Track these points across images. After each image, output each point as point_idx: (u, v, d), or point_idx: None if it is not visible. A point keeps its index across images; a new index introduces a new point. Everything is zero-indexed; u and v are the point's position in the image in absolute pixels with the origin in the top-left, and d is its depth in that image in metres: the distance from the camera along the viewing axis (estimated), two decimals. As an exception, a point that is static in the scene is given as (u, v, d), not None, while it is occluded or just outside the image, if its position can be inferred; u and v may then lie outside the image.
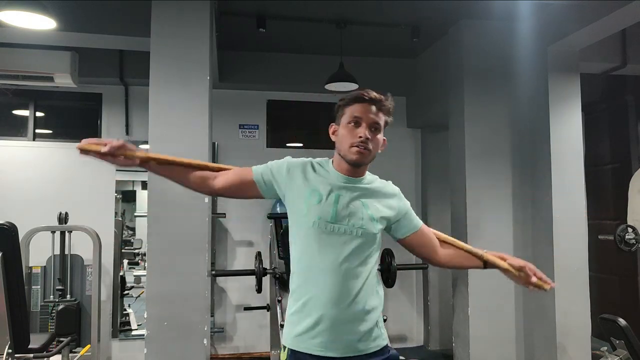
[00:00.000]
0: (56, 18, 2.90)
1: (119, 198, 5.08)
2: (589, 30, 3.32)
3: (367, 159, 1.54)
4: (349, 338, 1.49)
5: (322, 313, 1.48)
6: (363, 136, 1.50)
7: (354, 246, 1.50)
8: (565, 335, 3.53)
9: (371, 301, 1.53)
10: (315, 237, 1.51)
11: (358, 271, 1.51)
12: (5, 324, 2.57)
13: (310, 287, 1.52)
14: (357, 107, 1.53)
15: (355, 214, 1.52)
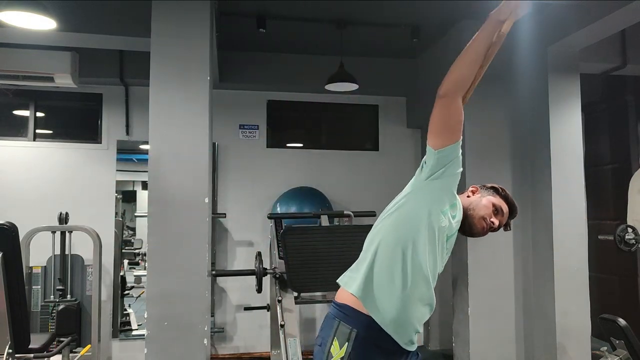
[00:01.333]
0: (56, 18, 2.90)
1: (119, 198, 5.07)
2: (589, 30, 3.32)
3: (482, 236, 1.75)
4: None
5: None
6: (495, 227, 1.71)
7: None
8: (565, 335, 3.53)
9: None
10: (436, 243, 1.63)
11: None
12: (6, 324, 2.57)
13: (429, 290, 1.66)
14: (504, 207, 1.73)
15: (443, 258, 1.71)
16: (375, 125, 5.23)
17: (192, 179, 2.85)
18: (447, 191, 1.59)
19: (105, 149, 4.68)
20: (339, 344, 1.54)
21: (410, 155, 5.24)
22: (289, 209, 4.64)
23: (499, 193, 1.76)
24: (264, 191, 4.87)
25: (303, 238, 3.32)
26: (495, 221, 1.70)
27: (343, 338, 1.54)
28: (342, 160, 5.00)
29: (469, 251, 3.80)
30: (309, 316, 4.96)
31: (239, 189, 4.91)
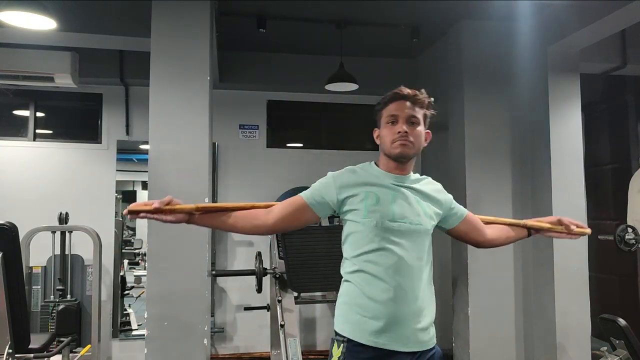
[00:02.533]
0: (56, 18, 2.90)
1: (119, 198, 5.07)
2: (589, 30, 3.32)
3: (411, 151, 1.60)
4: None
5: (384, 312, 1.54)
6: (401, 131, 1.58)
7: (413, 243, 1.57)
8: (565, 335, 3.53)
9: (428, 299, 1.62)
10: (377, 238, 1.55)
11: (418, 267, 1.58)
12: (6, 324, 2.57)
13: (371, 286, 1.55)
14: (392, 106, 1.63)
15: (411, 211, 1.58)
16: (375, 126, 5.22)
17: (192, 179, 2.85)
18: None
19: (105, 149, 4.68)
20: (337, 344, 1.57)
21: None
22: (289, 209, 4.63)
23: (383, 105, 1.66)
24: (264, 191, 4.87)
25: (303, 238, 3.32)
26: (398, 127, 1.59)
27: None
28: (342, 160, 4.95)
29: (469, 251, 3.80)
30: (309, 316, 4.96)
31: (239, 189, 4.90)
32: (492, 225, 1.82)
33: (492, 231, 1.80)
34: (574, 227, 1.81)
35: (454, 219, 1.73)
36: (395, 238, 1.54)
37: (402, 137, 1.57)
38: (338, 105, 5.07)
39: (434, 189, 1.71)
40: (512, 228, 1.84)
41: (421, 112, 1.62)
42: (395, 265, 1.53)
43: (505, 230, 1.83)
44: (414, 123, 1.60)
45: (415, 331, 1.55)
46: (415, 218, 1.57)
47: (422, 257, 1.59)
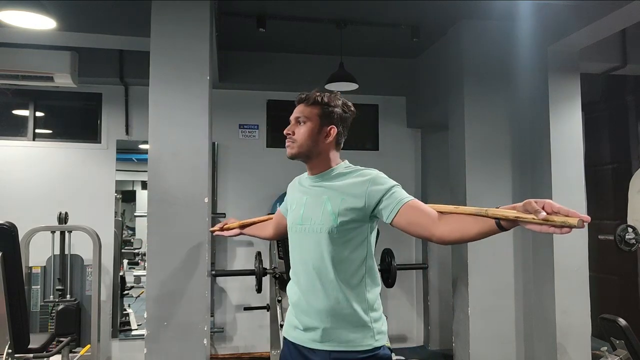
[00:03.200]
0: (56, 18, 2.90)
1: (119, 198, 5.07)
2: (589, 30, 3.32)
3: (294, 150, 1.67)
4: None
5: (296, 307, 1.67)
6: (285, 132, 1.70)
7: (318, 243, 1.57)
8: (565, 335, 3.53)
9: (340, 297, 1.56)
10: (291, 240, 1.70)
11: (322, 266, 1.57)
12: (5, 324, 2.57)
13: (293, 285, 1.68)
14: (294, 112, 1.73)
15: (316, 212, 1.60)
16: (375, 125, 5.23)
17: (192, 179, 2.85)
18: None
19: (105, 148, 4.68)
20: None
21: (410, 155, 5.24)
22: (288, 209, 4.63)
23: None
24: (264, 191, 4.87)
25: (303, 238, 3.31)
26: (289, 130, 1.72)
27: None
28: (342, 160, 4.99)
29: (469, 251, 3.80)
30: (309, 316, 4.96)
31: (239, 188, 4.90)
32: (449, 218, 1.44)
33: (445, 224, 1.43)
34: (542, 214, 1.22)
35: (387, 212, 1.51)
36: (301, 240, 1.63)
37: (287, 140, 1.69)
38: (338, 105, 5.06)
39: (354, 183, 1.57)
40: (475, 220, 1.38)
41: (309, 110, 1.67)
42: (301, 266, 1.64)
43: (465, 224, 1.40)
44: (299, 122, 1.68)
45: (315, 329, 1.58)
46: (318, 217, 1.58)
47: (325, 256, 1.55)
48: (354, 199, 1.55)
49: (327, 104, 1.68)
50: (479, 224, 1.37)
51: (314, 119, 1.66)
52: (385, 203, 1.52)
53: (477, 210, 1.39)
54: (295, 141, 1.66)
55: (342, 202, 1.55)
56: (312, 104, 1.67)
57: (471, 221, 1.39)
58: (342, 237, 1.55)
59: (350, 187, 1.58)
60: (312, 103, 1.67)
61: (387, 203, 1.52)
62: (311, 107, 1.67)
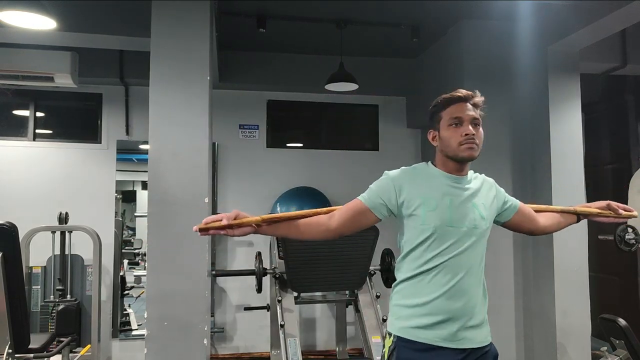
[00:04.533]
0: (56, 18, 2.90)
1: (119, 198, 5.07)
2: (589, 30, 3.32)
3: (477, 153, 1.62)
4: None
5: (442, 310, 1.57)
6: (469, 133, 1.58)
7: (470, 244, 1.59)
8: (565, 335, 3.53)
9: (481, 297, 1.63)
10: (437, 241, 1.57)
11: (474, 267, 1.60)
12: (6, 324, 2.57)
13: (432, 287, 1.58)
14: (454, 108, 1.60)
15: (468, 215, 1.60)
16: (375, 125, 5.23)
17: (192, 179, 2.85)
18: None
19: (105, 148, 4.68)
20: None
21: (410, 155, 5.24)
22: (289, 209, 4.63)
23: (443, 107, 1.63)
24: (264, 191, 4.87)
25: (303, 238, 3.31)
26: (465, 129, 1.58)
27: None
28: (342, 160, 5.00)
29: (469, 251, 3.80)
30: (309, 316, 4.96)
31: (239, 189, 4.90)
32: (543, 214, 1.86)
33: (544, 219, 1.84)
34: (622, 211, 1.86)
35: (508, 212, 1.76)
36: (453, 241, 1.57)
37: (469, 140, 1.58)
38: (338, 105, 5.08)
39: (489, 186, 1.74)
40: (562, 215, 1.89)
41: (480, 114, 1.64)
42: (451, 267, 1.56)
43: (556, 217, 1.87)
44: (477, 125, 1.61)
45: (465, 329, 1.57)
46: (472, 221, 1.60)
47: (478, 257, 1.61)
48: (493, 202, 1.71)
49: (482, 107, 1.67)
50: (567, 218, 1.90)
51: (481, 124, 1.65)
52: (507, 205, 1.76)
53: (566, 209, 1.90)
54: (478, 144, 1.61)
55: (486, 208, 1.66)
56: (479, 107, 1.65)
57: (559, 215, 1.89)
58: (486, 239, 1.67)
59: (489, 191, 1.72)
60: (480, 108, 1.65)
61: (508, 205, 1.76)
62: (480, 111, 1.65)
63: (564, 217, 1.89)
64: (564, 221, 1.89)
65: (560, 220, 1.88)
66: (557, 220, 1.87)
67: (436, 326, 1.54)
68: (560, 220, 1.88)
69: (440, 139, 1.63)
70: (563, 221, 1.89)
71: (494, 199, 1.71)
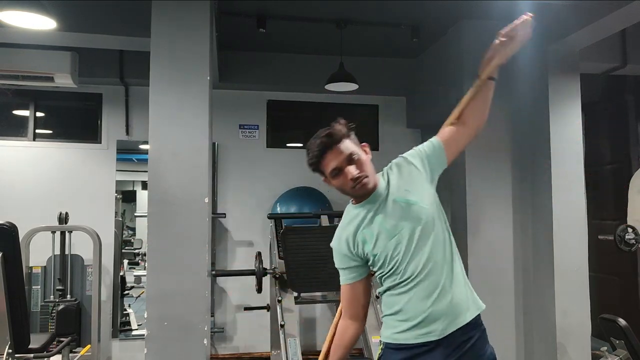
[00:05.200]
0: (56, 18, 2.90)
1: (119, 198, 5.08)
2: (589, 30, 3.32)
3: (371, 182, 1.57)
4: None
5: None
6: (353, 177, 1.54)
7: (420, 236, 1.55)
8: (565, 335, 3.53)
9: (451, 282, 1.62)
10: (394, 259, 1.55)
11: (440, 252, 1.59)
12: (6, 324, 2.57)
13: (403, 294, 1.59)
14: (327, 161, 1.55)
15: (400, 214, 1.57)
16: (375, 125, 5.23)
17: (192, 179, 2.85)
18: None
19: (105, 148, 4.68)
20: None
21: (410, 155, 5.23)
22: (289, 209, 4.64)
23: (316, 163, 1.56)
24: (264, 191, 4.87)
25: (303, 238, 3.32)
26: (348, 175, 1.53)
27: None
28: (342, 160, 4.99)
29: (469, 251, 3.80)
30: (309, 316, 4.96)
31: (239, 189, 4.90)
32: (463, 115, 1.72)
33: (468, 122, 1.70)
34: (504, 30, 1.76)
35: (439, 159, 1.68)
36: (404, 247, 1.55)
37: (357, 181, 1.53)
38: (338, 105, 5.08)
39: (401, 166, 1.66)
40: (478, 95, 1.75)
41: (349, 142, 1.56)
42: (414, 268, 1.54)
43: (476, 102, 1.74)
44: (354, 157, 1.54)
45: (446, 318, 1.56)
46: (406, 216, 1.56)
47: (437, 242, 1.58)
48: (415, 175, 1.63)
49: (349, 127, 1.61)
50: (484, 92, 1.77)
51: (357, 145, 1.59)
52: (431, 157, 1.66)
53: (474, 90, 1.75)
54: (367, 175, 1.55)
55: (415, 184, 1.61)
56: (345, 137, 1.57)
57: (476, 98, 1.74)
58: (435, 221, 1.60)
59: (402, 174, 1.64)
60: (344, 137, 1.57)
61: (431, 156, 1.66)
62: (345, 139, 1.56)
63: (481, 93, 1.76)
64: (484, 96, 1.76)
65: (479, 102, 1.74)
66: (479, 104, 1.74)
67: (415, 328, 1.55)
68: (479, 102, 1.74)
69: (334, 186, 1.61)
70: (483, 96, 1.76)
71: (411, 172, 1.64)
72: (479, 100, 1.73)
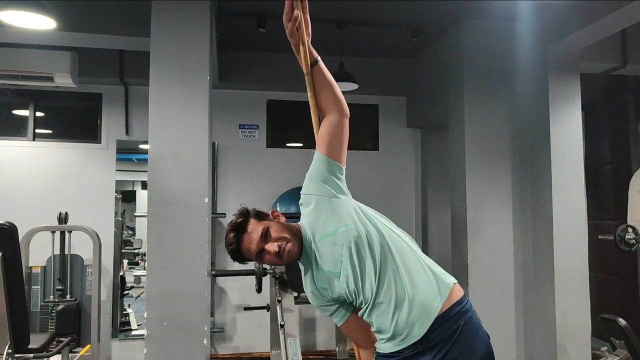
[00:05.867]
0: (56, 18, 2.90)
1: (119, 198, 5.08)
2: (589, 30, 3.32)
3: (292, 255, 1.55)
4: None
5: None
6: (271, 261, 1.56)
7: (360, 258, 1.50)
8: (565, 335, 3.53)
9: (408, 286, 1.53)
10: (350, 295, 1.53)
11: (389, 267, 1.52)
12: (5, 324, 2.57)
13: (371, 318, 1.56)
14: (245, 251, 1.60)
15: (330, 250, 1.52)
16: (375, 125, 5.23)
17: (192, 179, 2.85)
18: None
19: (105, 148, 4.68)
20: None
21: (410, 155, 5.24)
22: (289, 208, 4.63)
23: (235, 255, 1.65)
24: (264, 191, 4.87)
25: (303, 238, 3.30)
26: (268, 261, 1.57)
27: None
28: (342, 160, 4.99)
29: (469, 251, 3.80)
30: (309, 316, 4.96)
31: (239, 189, 4.90)
32: (320, 110, 1.66)
33: (327, 112, 1.66)
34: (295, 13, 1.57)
35: (330, 170, 1.62)
36: (353, 280, 1.51)
37: (281, 255, 1.52)
38: (338, 105, 5.06)
39: (306, 207, 1.59)
40: (316, 87, 1.65)
41: (254, 222, 1.58)
42: (372, 292, 1.50)
43: (322, 94, 1.65)
44: (267, 238, 1.54)
45: (415, 323, 1.50)
46: (337, 249, 1.50)
47: (374, 257, 1.50)
48: (318, 206, 1.56)
49: (249, 213, 1.62)
50: (318, 82, 1.64)
51: (265, 222, 1.59)
52: (322, 176, 1.59)
53: (309, 86, 1.62)
54: (283, 252, 1.52)
55: (323, 218, 1.54)
56: (254, 219, 1.59)
57: (318, 91, 1.64)
58: (364, 235, 1.52)
59: (308, 213, 1.58)
60: (254, 219, 1.59)
61: (320, 175, 1.59)
62: (255, 220, 1.59)
63: (318, 85, 1.64)
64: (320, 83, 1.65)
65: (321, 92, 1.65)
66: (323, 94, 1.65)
67: (392, 340, 1.52)
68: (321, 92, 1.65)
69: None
70: (320, 85, 1.65)
71: (317, 202, 1.56)
72: (321, 90, 1.63)
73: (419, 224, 5.13)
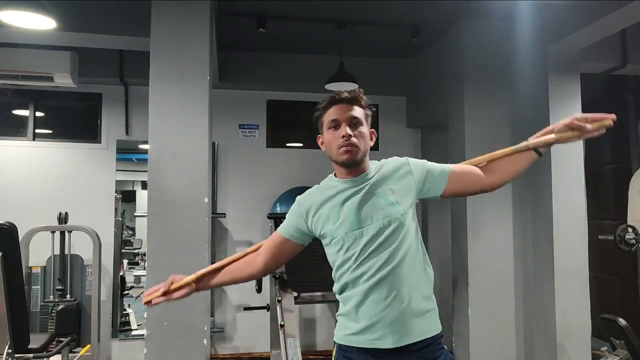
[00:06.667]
0: (56, 18, 2.90)
1: (119, 198, 5.07)
2: (589, 30, 3.32)
3: (358, 155, 1.53)
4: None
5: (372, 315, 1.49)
6: (345, 134, 1.51)
7: (386, 237, 1.49)
8: (565, 335, 3.53)
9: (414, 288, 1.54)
10: (351, 249, 1.50)
11: (404, 259, 1.50)
12: (5, 324, 2.57)
13: (357, 293, 1.51)
14: (332, 111, 1.55)
15: (375, 208, 1.51)
16: (375, 125, 5.20)
17: (192, 179, 2.85)
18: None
19: (105, 148, 4.68)
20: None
21: (410, 155, 5.21)
22: (288, 208, 4.63)
23: (323, 111, 1.58)
24: (264, 191, 4.87)
25: (303, 238, 3.30)
26: (342, 131, 1.51)
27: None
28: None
29: (469, 251, 3.80)
30: (309, 316, 4.96)
31: (239, 189, 4.90)
32: (492, 164, 1.63)
33: (492, 172, 1.62)
34: (588, 126, 1.53)
35: (437, 183, 1.58)
36: (365, 242, 1.49)
37: (346, 142, 1.50)
38: (338, 105, 5.06)
39: (397, 168, 1.58)
40: (516, 157, 1.63)
41: (361, 112, 1.56)
42: (372, 268, 1.48)
43: (508, 163, 1.63)
44: (357, 124, 1.53)
45: (400, 326, 1.49)
46: (379, 213, 1.49)
47: (403, 247, 1.49)
48: (406, 184, 1.56)
49: (369, 106, 1.61)
50: (522, 159, 1.64)
51: (365, 122, 1.57)
52: (431, 177, 1.58)
53: (517, 148, 1.62)
54: (357, 145, 1.51)
55: (394, 192, 1.53)
56: (362, 106, 1.57)
57: (513, 160, 1.63)
58: (404, 226, 1.52)
59: (395, 175, 1.57)
60: (362, 105, 1.57)
61: (433, 177, 1.58)
62: (362, 108, 1.57)
63: (519, 158, 1.63)
64: (521, 163, 1.64)
65: (516, 165, 1.64)
66: (511, 167, 1.63)
67: (365, 332, 1.48)
68: (516, 165, 1.64)
69: (325, 143, 1.59)
70: (519, 163, 1.64)
71: (406, 177, 1.56)
72: (514, 162, 1.64)
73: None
